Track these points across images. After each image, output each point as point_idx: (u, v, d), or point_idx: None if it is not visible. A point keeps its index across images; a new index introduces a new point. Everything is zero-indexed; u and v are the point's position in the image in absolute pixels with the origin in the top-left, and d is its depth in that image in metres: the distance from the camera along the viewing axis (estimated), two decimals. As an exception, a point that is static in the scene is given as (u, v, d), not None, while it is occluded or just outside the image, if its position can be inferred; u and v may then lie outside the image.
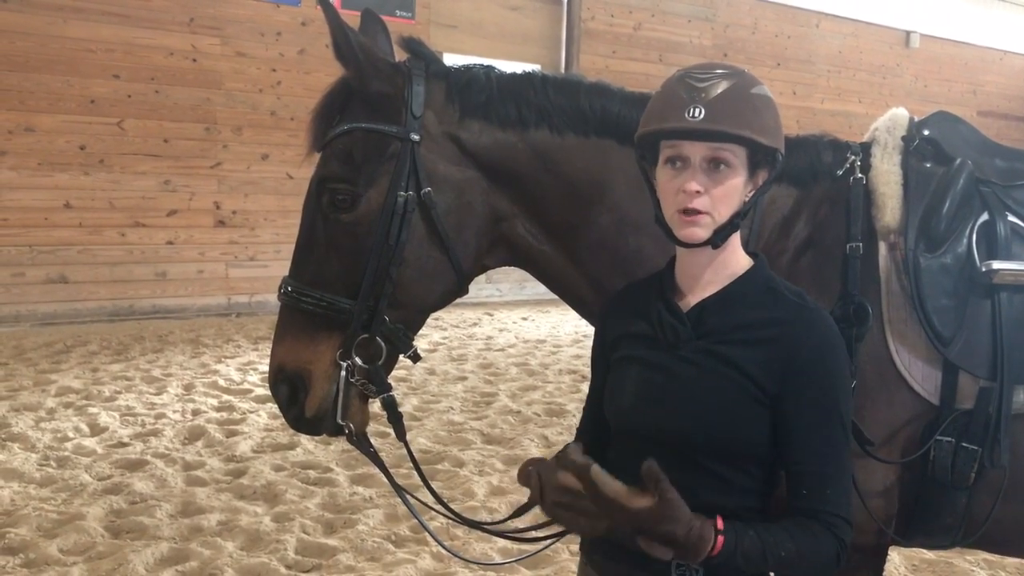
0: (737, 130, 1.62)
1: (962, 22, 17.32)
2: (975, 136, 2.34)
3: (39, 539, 4.25)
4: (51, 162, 9.57)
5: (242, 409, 6.60)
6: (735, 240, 1.74)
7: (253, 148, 10.73)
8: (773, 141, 1.67)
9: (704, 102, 1.64)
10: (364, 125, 2.04)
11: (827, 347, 1.66)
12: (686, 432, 1.68)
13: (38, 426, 6.00)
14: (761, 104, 1.68)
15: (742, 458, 1.69)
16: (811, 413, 1.64)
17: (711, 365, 1.68)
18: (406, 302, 2.09)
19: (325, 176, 2.05)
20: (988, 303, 2.04)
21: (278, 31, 10.76)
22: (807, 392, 1.64)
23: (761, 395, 1.65)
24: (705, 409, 1.67)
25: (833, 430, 1.65)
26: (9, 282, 9.41)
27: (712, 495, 1.66)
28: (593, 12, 13.19)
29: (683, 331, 1.73)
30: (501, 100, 2.11)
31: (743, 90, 1.67)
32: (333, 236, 2.05)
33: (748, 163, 1.67)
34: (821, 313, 1.71)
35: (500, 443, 5.90)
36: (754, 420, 1.66)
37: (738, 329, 1.69)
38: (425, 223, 2.05)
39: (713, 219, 1.65)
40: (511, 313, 11.77)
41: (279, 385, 2.10)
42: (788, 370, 1.64)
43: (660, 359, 1.74)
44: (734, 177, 1.66)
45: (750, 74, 1.73)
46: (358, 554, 4.19)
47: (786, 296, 1.72)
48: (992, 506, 2.05)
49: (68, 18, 9.51)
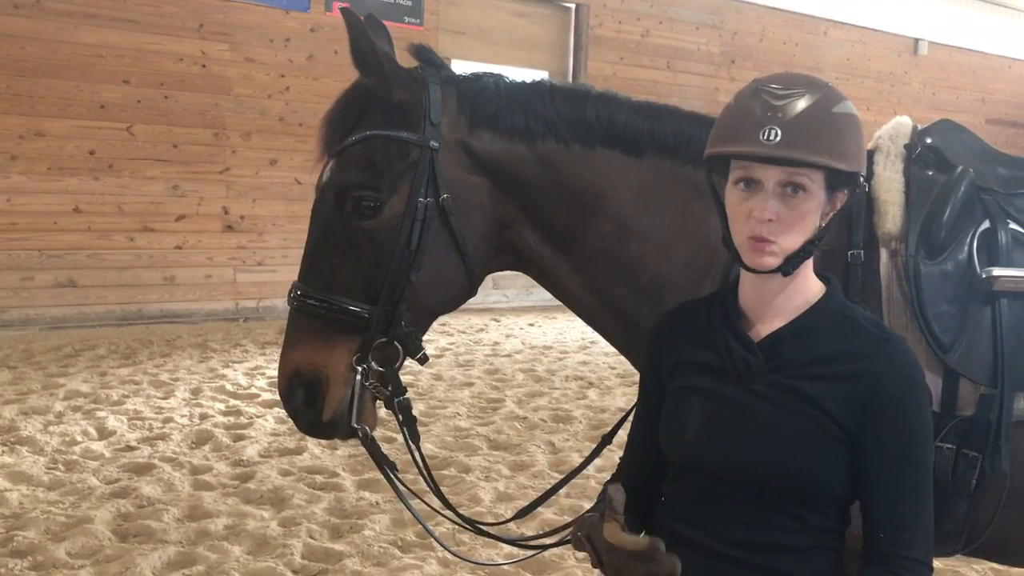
0: (815, 157, 1.54)
1: (970, 30, 17.29)
2: (978, 144, 2.36)
3: (47, 542, 4.28)
4: (61, 167, 9.61)
5: (249, 414, 6.62)
6: (808, 266, 1.67)
7: (262, 153, 10.76)
8: (853, 165, 1.60)
9: (781, 123, 1.56)
10: (385, 132, 2.06)
11: (910, 384, 1.59)
12: (760, 471, 1.61)
13: (46, 429, 6.03)
14: (844, 124, 1.60)
15: (819, 499, 1.62)
16: (891, 453, 1.56)
17: (787, 401, 1.60)
18: (421, 305, 2.13)
19: (347, 184, 2.06)
20: (989, 310, 2.05)
21: (287, 37, 10.80)
22: (887, 431, 1.56)
23: (841, 434, 1.58)
24: (781, 447, 1.59)
25: (913, 471, 1.57)
26: (18, 286, 9.45)
27: (785, 535, 1.62)
28: (601, 19, 13.20)
29: (755, 364, 1.65)
30: (510, 111, 2.14)
31: (824, 110, 1.59)
32: (353, 242, 2.07)
33: (826, 186, 1.60)
34: (902, 345, 1.64)
35: (506, 449, 5.91)
36: (833, 461, 1.59)
37: (815, 363, 1.62)
38: (443, 229, 2.08)
39: (783, 247, 1.58)
40: (518, 319, 11.78)
41: (294, 390, 2.10)
42: (869, 408, 1.57)
43: (729, 392, 1.66)
44: (809, 202, 1.58)
45: (834, 89, 1.64)
46: (364, 559, 4.21)
47: (864, 327, 1.64)
48: (993, 513, 2.06)
49: (79, 24, 9.56)
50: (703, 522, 1.67)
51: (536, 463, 5.66)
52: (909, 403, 1.58)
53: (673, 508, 1.73)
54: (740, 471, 1.63)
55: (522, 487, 5.21)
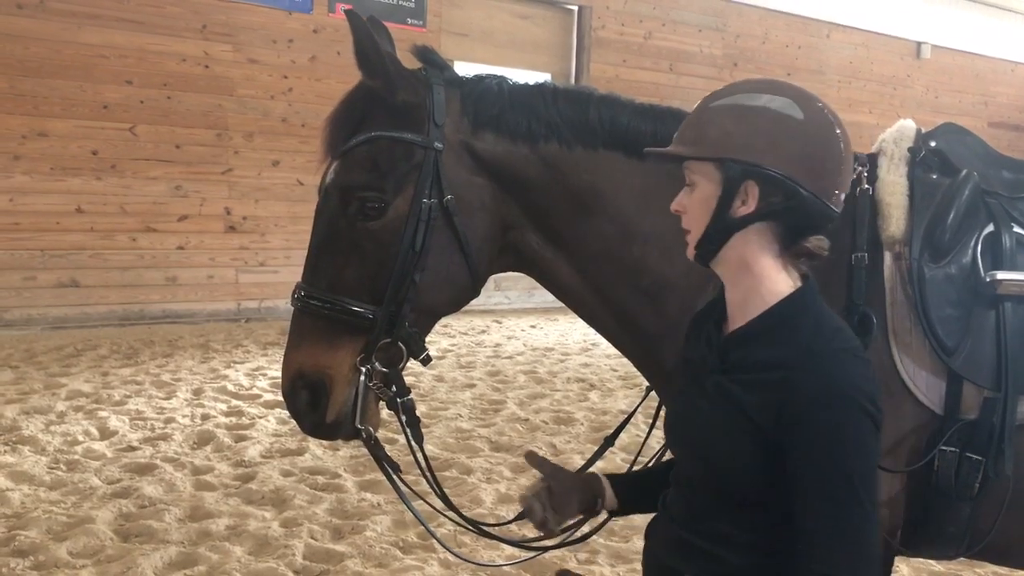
0: (665, 149, 1.72)
1: (973, 33, 17.29)
2: (982, 148, 2.36)
3: (49, 542, 4.28)
4: (64, 167, 9.62)
5: (251, 414, 6.62)
6: (763, 262, 1.65)
7: (264, 154, 10.77)
8: (710, 151, 1.62)
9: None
10: (389, 134, 2.07)
11: (827, 396, 1.54)
12: (695, 463, 1.73)
13: (48, 429, 6.03)
14: (713, 116, 1.65)
15: (746, 496, 1.64)
16: (808, 468, 1.54)
17: (721, 401, 1.65)
18: (425, 306, 2.13)
19: (351, 184, 2.06)
20: (992, 313, 2.06)
21: (290, 38, 10.81)
22: (802, 443, 1.54)
23: (762, 438, 1.58)
24: (708, 444, 1.67)
25: (834, 485, 1.53)
26: (20, 286, 9.46)
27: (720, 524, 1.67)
28: (603, 21, 13.22)
29: (712, 363, 1.71)
30: (513, 113, 2.15)
31: (704, 107, 1.69)
32: (357, 242, 2.07)
33: (723, 179, 1.61)
34: (833, 357, 1.58)
35: (508, 451, 5.91)
36: (752, 463, 1.60)
37: (749, 368, 1.63)
38: (446, 229, 2.10)
39: (693, 236, 1.69)
40: (519, 321, 11.79)
41: (298, 391, 2.10)
42: (785, 418, 1.55)
43: (693, 388, 1.75)
44: (699, 193, 1.65)
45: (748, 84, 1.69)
46: (366, 560, 4.21)
47: (801, 334, 1.60)
48: (996, 516, 2.06)
49: (82, 24, 9.57)
50: (672, 498, 1.84)
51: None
52: (825, 418, 1.53)
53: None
54: (684, 461, 1.79)
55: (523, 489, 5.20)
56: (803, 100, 1.64)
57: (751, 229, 1.63)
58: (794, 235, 1.64)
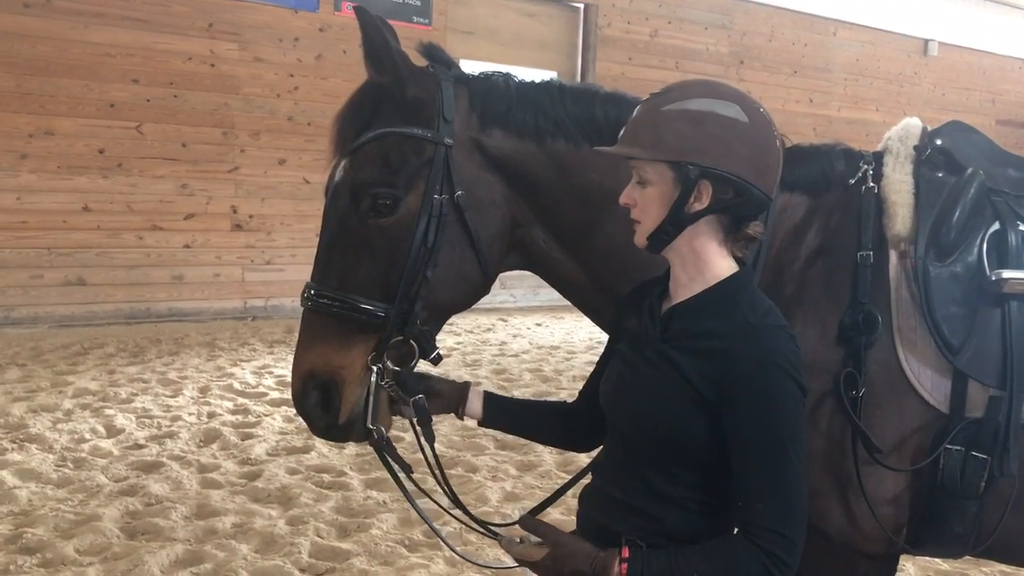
0: (624, 149, 1.81)
1: (981, 30, 17.23)
2: (988, 146, 2.35)
3: (56, 539, 4.29)
4: (70, 165, 9.64)
5: (257, 412, 6.63)
6: (710, 249, 1.81)
7: (270, 153, 10.78)
8: (669, 155, 1.73)
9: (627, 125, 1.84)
10: (400, 130, 2.06)
11: (763, 365, 1.68)
12: (636, 426, 1.83)
13: (55, 427, 6.05)
14: (667, 119, 1.76)
15: (687, 458, 1.78)
16: (746, 428, 1.69)
17: (664, 368, 1.78)
18: (437, 303, 2.12)
19: (363, 181, 2.05)
20: (998, 312, 2.05)
21: (296, 37, 10.81)
22: (741, 407, 1.69)
23: (699, 399, 1.73)
24: (652, 408, 1.78)
25: (769, 445, 1.68)
26: (27, 284, 9.48)
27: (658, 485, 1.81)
28: (609, 19, 13.20)
29: (652, 332, 1.85)
30: (520, 109, 2.15)
31: (654, 109, 1.79)
32: (368, 240, 2.06)
33: (676, 179, 1.74)
34: (768, 331, 1.73)
35: (513, 449, 5.91)
36: (694, 426, 1.74)
37: (692, 337, 1.77)
38: (457, 225, 2.09)
39: (644, 228, 1.81)
40: (525, 319, 11.78)
41: (309, 392, 2.08)
42: (723, 383, 1.70)
43: (633, 356, 1.88)
44: (652, 191, 1.77)
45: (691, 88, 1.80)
46: (372, 558, 4.21)
47: (740, 309, 1.76)
48: (1002, 515, 2.06)
49: (89, 23, 9.59)
50: (606, 462, 1.98)
51: (543, 463, 5.65)
52: (761, 386, 1.68)
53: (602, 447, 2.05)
54: (624, 424, 1.88)
55: (529, 487, 5.21)
56: (745, 104, 1.77)
57: (702, 221, 1.78)
58: (738, 224, 1.81)
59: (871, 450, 1.99)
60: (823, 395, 2.05)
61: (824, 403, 2.05)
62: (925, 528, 2.11)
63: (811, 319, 2.11)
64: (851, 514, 2.07)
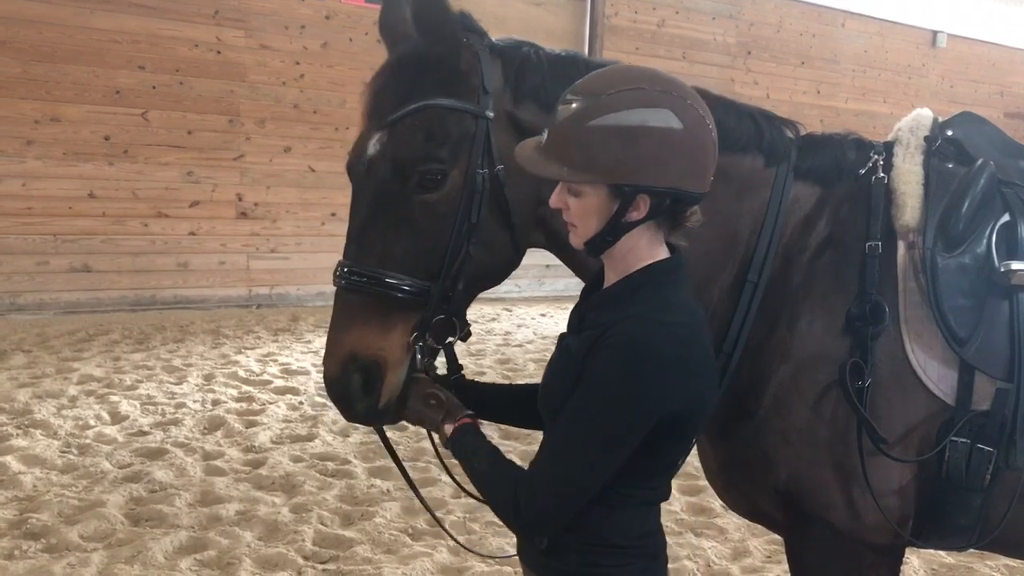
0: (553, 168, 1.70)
1: (990, 22, 17.13)
2: (999, 137, 2.34)
3: (60, 525, 4.30)
4: (76, 152, 9.64)
5: (261, 400, 6.64)
6: (641, 245, 1.76)
7: (276, 141, 10.76)
8: (603, 177, 1.67)
9: (550, 129, 1.74)
10: (443, 102, 1.99)
11: (613, 351, 1.67)
12: (541, 407, 1.90)
13: (60, 413, 6.07)
14: (599, 138, 1.65)
15: None
16: (575, 397, 1.71)
17: (569, 354, 1.81)
18: (475, 279, 2.08)
19: (409, 156, 1.97)
20: (1006, 304, 2.04)
21: (302, 24, 10.79)
22: (584, 378, 1.71)
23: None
24: (555, 392, 1.81)
25: (570, 423, 1.70)
26: (33, 270, 9.49)
27: None
28: (617, 8, 13.15)
29: (574, 321, 1.90)
30: (553, 84, 2.08)
31: (580, 123, 1.67)
32: (411, 216, 1.99)
33: (611, 193, 1.68)
34: (644, 326, 1.69)
35: (517, 438, 5.91)
36: None
37: (589, 326, 1.79)
38: (495, 200, 2.04)
39: (581, 233, 1.76)
40: (530, 309, 11.78)
41: (350, 375, 1.99)
42: (584, 365, 1.72)
43: (561, 342, 1.92)
44: (586, 203, 1.71)
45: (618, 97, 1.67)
46: (375, 546, 4.22)
47: (637, 300, 1.74)
48: (1007, 508, 2.05)
49: (95, 9, 9.57)
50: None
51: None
52: (600, 368, 1.68)
53: None
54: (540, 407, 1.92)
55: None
56: (677, 105, 1.67)
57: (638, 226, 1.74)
58: (674, 219, 1.77)
59: (876, 441, 1.98)
60: (829, 385, 2.04)
61: (830, 393, 2.04)
62: (930, 520, 2.11)
63: (819, 309, 2.10)
64: (855, 505, 2.06)
